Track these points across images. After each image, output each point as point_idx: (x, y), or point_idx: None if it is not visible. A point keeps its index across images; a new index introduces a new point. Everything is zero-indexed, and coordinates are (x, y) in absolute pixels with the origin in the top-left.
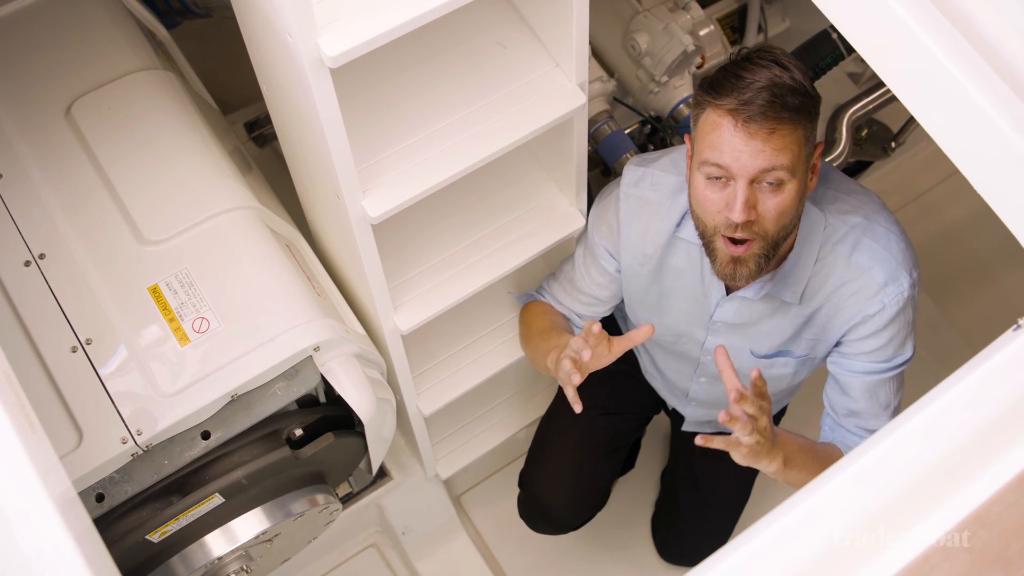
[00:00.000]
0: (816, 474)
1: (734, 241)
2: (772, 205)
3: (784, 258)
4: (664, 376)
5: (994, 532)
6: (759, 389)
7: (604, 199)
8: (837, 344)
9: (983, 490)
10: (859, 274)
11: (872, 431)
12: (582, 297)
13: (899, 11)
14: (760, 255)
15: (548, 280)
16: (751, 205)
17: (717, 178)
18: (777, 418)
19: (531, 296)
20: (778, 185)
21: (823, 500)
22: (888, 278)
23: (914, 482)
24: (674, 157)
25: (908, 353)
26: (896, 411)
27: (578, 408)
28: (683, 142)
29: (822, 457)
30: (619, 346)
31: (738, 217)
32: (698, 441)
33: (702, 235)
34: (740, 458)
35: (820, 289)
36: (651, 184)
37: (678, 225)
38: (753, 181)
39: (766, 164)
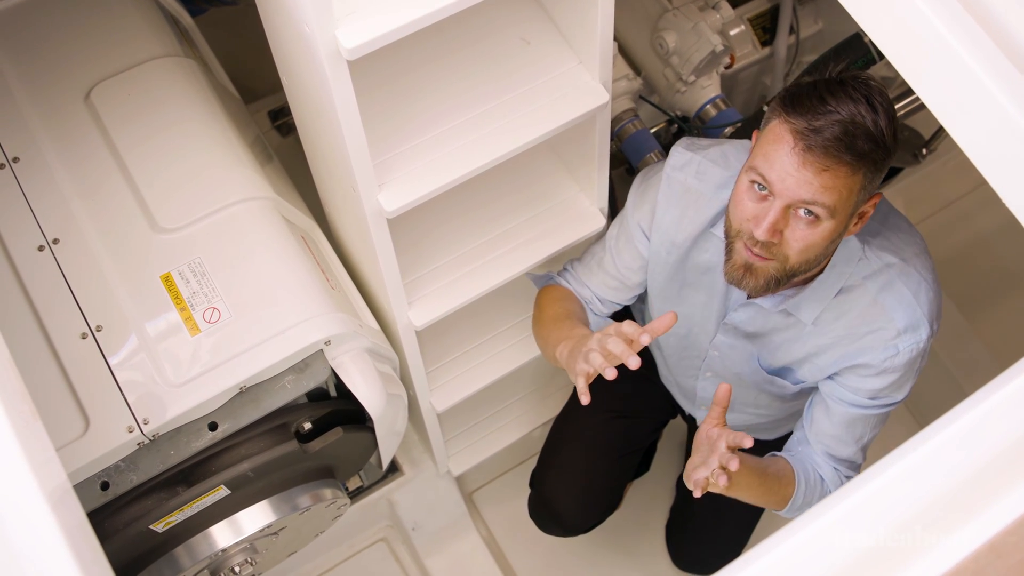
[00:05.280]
0: (764, 494)
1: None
2: (799, 236)
3: (812, 279)
4: (673, 374)
5: (1010, 563)
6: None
7: (648, 178)
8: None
9: (998, 520)
10: (881, 314)
11: (837, 458)
12: (607, 279)
13: (929, 16)
14: (773, 276)
15: (571, 261)
16: (778, 229)
17: (760, 188)
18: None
19: (550, 278)
20: (814, 219)
21: (844, 514)
22: (908, 325)
23: (930, 505)
24: (725, 150)
25: (901, 396)
26: (867, 446)
27: (585, 400)
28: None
29: (770, 480)
30: (642, 340)
31: (760, 235)
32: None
33: (727, 232)
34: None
35: (839, 319)
36: (696, 172)
37: (714, 220)
38: (790, 206)
39: (808, 196)
